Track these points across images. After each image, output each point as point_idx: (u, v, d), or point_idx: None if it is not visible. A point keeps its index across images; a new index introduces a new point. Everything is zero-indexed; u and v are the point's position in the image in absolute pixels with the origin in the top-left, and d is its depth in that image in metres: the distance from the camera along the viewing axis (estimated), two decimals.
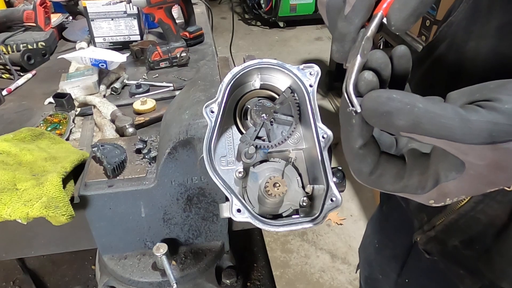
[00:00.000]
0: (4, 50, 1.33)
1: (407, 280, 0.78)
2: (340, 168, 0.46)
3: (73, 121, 0.98)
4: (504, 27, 0.41)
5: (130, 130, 0.90)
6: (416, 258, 0.73)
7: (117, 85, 1.14)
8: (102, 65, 1.12)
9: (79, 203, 0.58)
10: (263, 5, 4.93)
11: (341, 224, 2.31)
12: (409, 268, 0.77)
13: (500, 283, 0.54)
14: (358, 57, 0.33)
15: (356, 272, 1.09)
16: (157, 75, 1.24)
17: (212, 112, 0.41)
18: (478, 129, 0.25)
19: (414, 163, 0.32)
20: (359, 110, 0.30)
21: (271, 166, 0.43)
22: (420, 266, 0.73)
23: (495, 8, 0.43)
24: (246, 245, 0.82)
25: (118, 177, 0.60)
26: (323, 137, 0.41)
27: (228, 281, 0.67)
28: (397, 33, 0.33)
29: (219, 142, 0.44)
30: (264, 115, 0.43)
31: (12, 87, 1.16)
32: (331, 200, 0.39)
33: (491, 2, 0.44)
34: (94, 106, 1.03)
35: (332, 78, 3.34)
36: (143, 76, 1.23)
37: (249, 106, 0.45)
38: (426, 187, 0.30)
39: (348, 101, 0.31)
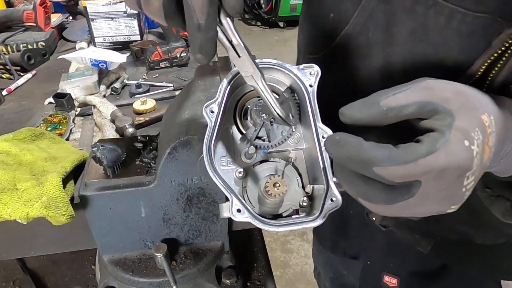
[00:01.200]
0: (4, 50, 1.33)
1: (369, 263, 0.84)
2: None
3: (73, 121, 0.99)
4: (413, 33, 0.49)
5: (130, 130, 0.90)
6: (372, 240, 0.80)
7: (117, 85, 1.14)
8: (102, 65, 1.12)
9: (79, 203, 0.58)
10: (263, 5, 4.94)
11: None
12: (368, 251, 0.83)
13: (450, 237, 0.64)
14: (262, 82, 0.38)
15: (316, 276, 1.11)
16: (157, 75, 1.24)
17: (212, 112, 0.41)
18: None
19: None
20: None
21: (271, 166, 0.43)
22: (377, 245, 0.79)
23: (400, 18, 0.49)
24: (246, 245, 0.82)
25: (118, 177, 0.60)
26: (323, 137, 0.41)
27: (228, 281, 0.67)
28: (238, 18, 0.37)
29: (219, 142, 0.44)
30: (264, 115, 0.43)
31: (12, 87, 1.16)
32: (331, 200, 0.39)
33: (392, 14, 0.50)
34: (94, 106, 1.03)
35: None
36: (143, 76, 1.23)
37: (249, 106, 0.45)
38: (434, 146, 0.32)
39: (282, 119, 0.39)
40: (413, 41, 0.49)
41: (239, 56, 0.38)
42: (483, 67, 0.45)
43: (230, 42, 0.38)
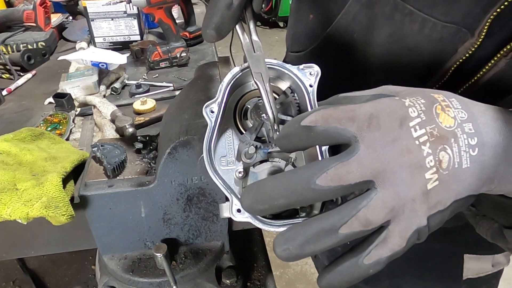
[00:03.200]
0: (4, 50, 1.33)
1: (348, 242, 0.87)
2: None
3: (73, 121, 0.99)
4: (391, 36, 0.54)
5: (130, 130, 0.90)
6: None
7: (117, 85, 1.14)
8: (103, 66, 1.13)
9: (79, 203, 0.58)
10: (263, 5, 4.94)
11: None
12: None
13: None
14: (268, 83, 0.38)
15: (313, 259, 1.13)
16: (157, 75, 1.24)
17: (212, 112, 0.41)
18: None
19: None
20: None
21: (271, 166, 0.43)
22: None
23: (380, 23, 0.55)
24: (246, 245, 0.82)
25: (118, 177, 0.60)
26: None
27: (228, 281, 0.67)
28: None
29: (219, 142, 0.44)
30: (264, 115, 0.43)
31: (12, 87, 1.16)
32: (331, 200, 0.39)
33: (373, 18, 0.56)
34: (94, 106, 1.03)
35: None
36: (143, 76, 1.23)
37: (249, 106, 0.45)
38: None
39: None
40: (391, 44, 0.55)
41: (255, 52, 0.39)
42: (451, 71, 0.51)
43: (249, 36, 0.39)
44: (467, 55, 0.49)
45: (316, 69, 0.42)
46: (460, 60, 0.50)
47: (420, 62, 0.53)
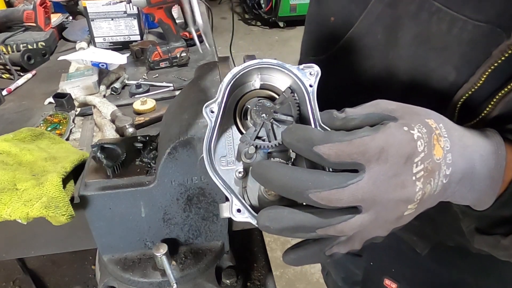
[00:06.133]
0: (4, 50, 1.34)
1: (371, 264, 0.85)
2: None
3: (73, 121, 0.99)
4: (417, 37, 0.51)
5: (130, 130, 0.90)
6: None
7: (117, 85, 1.14)
8: (103, 66, 1.13)
9: (79, 203, 0.58)
10: (263, 5, 4.94)
11: None
12: (372, 252, 0.83)
13: (447, 243, 0.66)
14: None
15: (324, 276, 1.12)
16: (157, 75, 1.24)
17: (212, 112, 0.41)
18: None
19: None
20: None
21: None
22: (378, 246, 0.79)
23: (405, 23, 0.51)
24: (246, 245, 0.82)
25: (118, 177, 0.60)
26: None
27: (228, 281, 0.67)
28: None
29: (219, 142, 0.44)
30: (264, 115, 0.43)
31: (12, 87, 1.16)
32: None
33: (397, 18, 0.52)
34: (94, 106, 1.03)
35: None
36: (143, 76, 1.23)
37: (249, 106, 0.45)
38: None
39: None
40: (416, 45, 0.51)
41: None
42: (484, 76, 0.45)
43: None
44: (502, 58, 0.43)
45: (316, 69, 0.42)
46: (495, 64, 0.44)
47: (449, 65, 0.49)
